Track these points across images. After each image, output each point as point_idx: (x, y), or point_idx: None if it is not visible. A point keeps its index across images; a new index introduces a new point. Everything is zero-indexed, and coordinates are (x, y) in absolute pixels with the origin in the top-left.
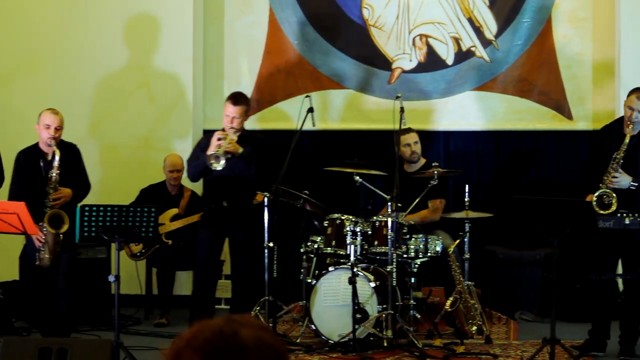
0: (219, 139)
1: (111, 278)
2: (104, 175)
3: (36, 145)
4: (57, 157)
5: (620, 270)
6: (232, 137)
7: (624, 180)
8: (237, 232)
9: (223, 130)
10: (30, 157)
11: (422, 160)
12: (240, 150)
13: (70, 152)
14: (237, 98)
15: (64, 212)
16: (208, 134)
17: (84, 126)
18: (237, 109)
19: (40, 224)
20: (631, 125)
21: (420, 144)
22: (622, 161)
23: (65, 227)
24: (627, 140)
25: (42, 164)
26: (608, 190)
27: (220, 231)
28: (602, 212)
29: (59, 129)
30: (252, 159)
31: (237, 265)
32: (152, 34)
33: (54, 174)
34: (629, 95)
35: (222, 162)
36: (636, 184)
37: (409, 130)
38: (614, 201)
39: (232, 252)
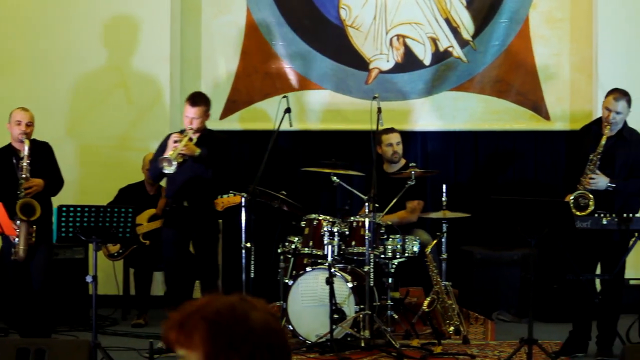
0: (175, 142)
1: (89, 278)
2: (83, 175)
3: (8, 145)
4: (26, 147)
5: (599, 271)
6: (192, 137)
7: (601, 181)
8: (198, 233)
9: (181, 132)
10: (3, 157)
11: (403, 161)
12: (198, 152)
13: (42, 150)
14: (195, 99)
15: (36, 201)
16: (171, 134)
17: (62, 126)
18: (196, 110)
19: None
20: (608, 127)
21: (402, 144)
22: (598, 162)
23: (36, 215)
24: (603, 141)
25: (15, 161)
26: (585, 192)
27: (183, 230)
28: (578, 213)
29: (29, 124)
30: (209, 160)
31: (201, 265)
32: (129, 34)
33: (25, 164)
34: (606, 97)
35: (174, 166)
36: (613, 185)
37: (392, 130)
38: (590, 203)
39: (196, 253)
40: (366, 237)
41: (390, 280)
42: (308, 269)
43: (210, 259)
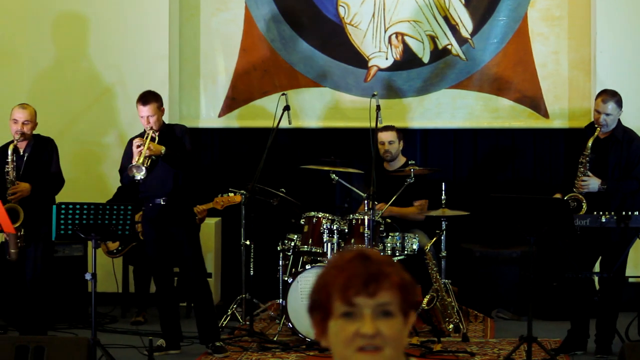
0: (138, 146)
1: (88, 276)
2: (81, 173)
3: (10, 143)
4: (9, 152)
5: (598, 269)
6: (153, 136)
7: (592, 183)
8: (178, 228)
9: (143, 133)
10: (3, 154)
11: (402, 159)
12: (163, 149)
13: (44, 146)
14: (145, 97)
15: (20, 207)
16: (131, 141)
17: (60, 124)
18: (148, 108)
19: None
20: (599, 129)
21: (397, 143)
22: (589, 164)
23: (19, 221)
24: (589, 144)
25: (15, 159)
26: (575, 194)
27: (162, 227)
28: None
29: (26, 123)
30: (176, 156)
31: (184, 260)
32: (127, 31)
33: (9, 169)
34: (595, 99)
35: (143, 171)
36: (605, 187)
37: (386, 128)
38: (584, 205)
39: (177, 249)
40: (365, 235)
41: None
42: (308, 266)
43: (193, 256)
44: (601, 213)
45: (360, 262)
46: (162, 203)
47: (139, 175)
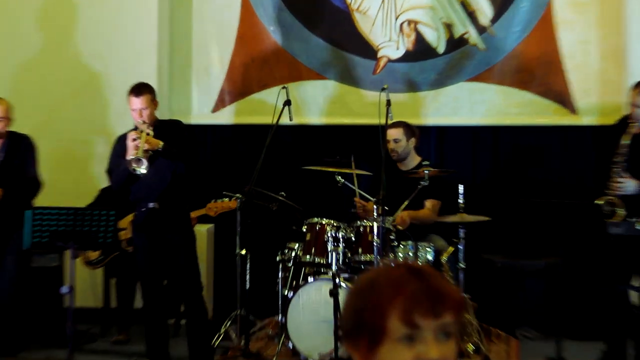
0: (134, 140)
1: (64, 289)
2: (62, 174)
3: None
4: None
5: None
6: (148, 132)
7: (629, 184)
8: (173, 236)
9: (135, 129)
10: None
11: (417, 158)
12: (161, 144)
13: (19, 145)
14: (138, 89)
15: None
16: (120, 138)
17: (36, 121)
18: (142, 100)
19: None
20: (636, 124)
21: (404, 141)
22: (625, 164)
23: None
24: (623, 141)
25: None
26: (612, 198)
27: (155, 234)
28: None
29: (1, 119)
30: (175, 151)
31: (178, 272)
32: (111, 17)
33: None
34: (630, 91)
35: (145, 164)
36: None
37: (392, 125)
38: (618, 211)
39: (170, 259)
40: (375, 244)
41: None
42: (310, 279)
43: (189, 267)
44: (635, 220)
45: (417, 279)
46: (155, 207)
47: (141, 169)
